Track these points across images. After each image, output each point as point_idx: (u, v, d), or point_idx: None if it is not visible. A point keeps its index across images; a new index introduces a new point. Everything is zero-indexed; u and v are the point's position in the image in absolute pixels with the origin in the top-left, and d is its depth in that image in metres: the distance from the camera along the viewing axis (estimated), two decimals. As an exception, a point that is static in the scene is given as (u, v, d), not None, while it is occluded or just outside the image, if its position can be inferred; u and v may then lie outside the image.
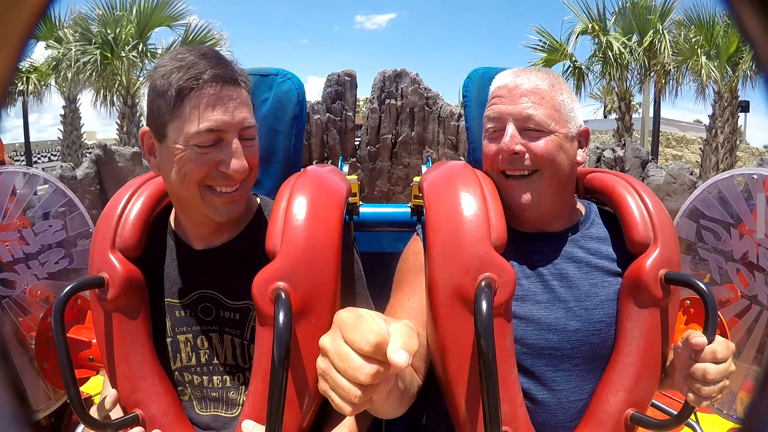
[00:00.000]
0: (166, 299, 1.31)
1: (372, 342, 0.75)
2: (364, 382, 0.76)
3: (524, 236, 1.34)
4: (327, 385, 0.81)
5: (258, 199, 1.41)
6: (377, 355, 0.76)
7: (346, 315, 0.82)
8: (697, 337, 1.12)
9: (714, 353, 1.11)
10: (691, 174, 7.78)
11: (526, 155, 1.26)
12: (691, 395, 1.15)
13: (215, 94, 1.15)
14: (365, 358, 0.76)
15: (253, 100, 1.47)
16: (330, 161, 7.79)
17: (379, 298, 1.41)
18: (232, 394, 1.29)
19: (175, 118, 1.16)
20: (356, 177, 1.93)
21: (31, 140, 17.37)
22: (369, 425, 1.30)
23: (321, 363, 0.82)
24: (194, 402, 1.30)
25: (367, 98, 8.20)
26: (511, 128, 1.28)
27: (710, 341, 1.11)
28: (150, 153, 1.25)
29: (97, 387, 1.39)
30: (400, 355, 0.74)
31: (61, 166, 8.00)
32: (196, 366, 1.30)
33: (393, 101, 8.01)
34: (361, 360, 0.76)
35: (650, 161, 8.46)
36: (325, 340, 0.82)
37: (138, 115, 12.78)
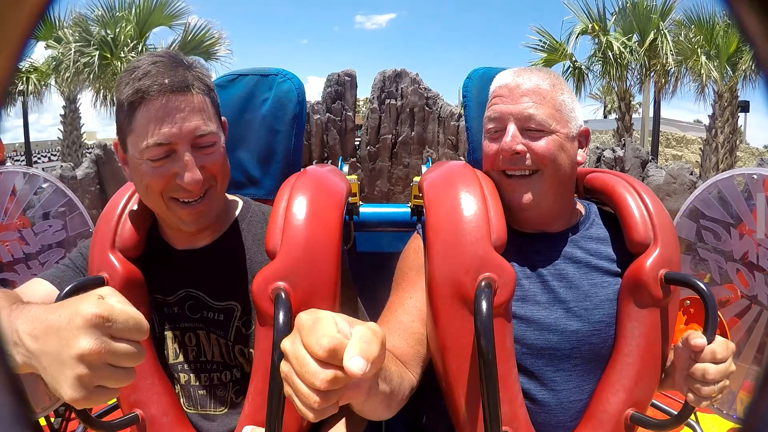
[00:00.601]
0: (153, 295, 1.31)
1: (325, 347, 0.70)
2: (320, 387, 0.71)
3: (524, 236, 1.34)
4: (290, 389, 0.77)
5: (240, 201, 1.41)
6: (333, 360, 0.71)
7: (305, 317, 0.78)
8: (697, 338, 1.11)
9: (713, 353, 1.11)
10: (691, 174, 7.78)
11: (527, 155, 1.26)
12: (690, 395, 1.15)
13: (162, 107, 1.13)
14: (321, 363, 0.72)
15: (253, 100, 1.47)
16: (330, 161, 7.79)
17: (379, 298, 1.41)
18: (220, 391, 1.29)
19: (131, 132, 1.16)
20: (356, 177, 1.93)
21: (31, 140, 17.36)
22: (366, 425, 1.31)
23: (283, 366, 0.78)
24: (182, 400, 1.31)
25: (367, 98, 8.20)
26: (512, 128, 1.27)
27: (710, 341, 1.11)
28: (124, 163, 1.24)
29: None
30: (355, 362, 0.68)
31: (61, 166, 8.00)
32: (183, 363, 1.30)
33: (393, 101, 8.01)
34: (317, 365, 0.72)
35: (650, 161, 8.46)
36: (285, 343, 0.78)
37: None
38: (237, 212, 1.38)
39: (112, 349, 0.76)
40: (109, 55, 12.24)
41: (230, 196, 1.42)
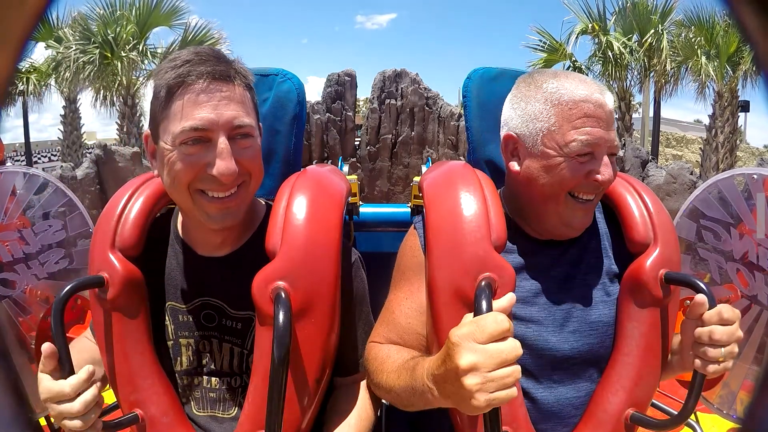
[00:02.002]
0: (169, 303, 1.30)
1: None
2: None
3: (527, 237, 1.33)
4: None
5: (265, 207, 1.37)
6: None
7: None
8: (698, 297, 1.11)
9: (720, 314, 1.10)
10: (691, 174, 7.77)
11: None
12: (698, 361, 1.12)
13: (202, 91, 1.10)
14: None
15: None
16: (330, 161, 7.79)
17: (380, 298, 1.41)
18: (229, 394, 1.28)
19: (165, 118, 1.12)
20: (356, 177, 1.93)
21: (31, 140, 17.36)
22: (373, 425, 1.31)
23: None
24: (192, 402, 1.30)
25: (367, 98, 8.21)
26: (607, 159, 1.21)
27: None
28: (152, 156, 1.21)
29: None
30: None
31: (62, 166, 7.99)
32: (197, 367, 1.29)
33: (393, 101, 8.01)
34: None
35: (650, 161, 8.45)
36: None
37: (138, 115, 12.75)
38: (260, 220, 1.33)
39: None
40: (109, 55, 12.24)
41: (258, 200, 1.39)
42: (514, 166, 1.30)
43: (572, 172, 1.21)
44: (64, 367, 1.07)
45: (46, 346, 1.06)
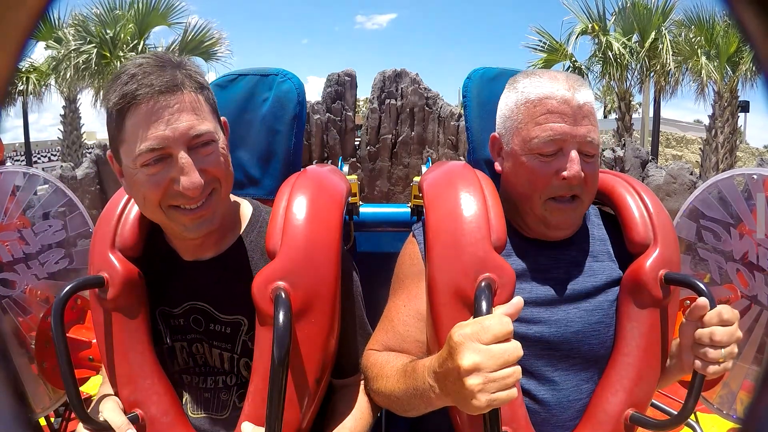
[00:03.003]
0: (160, 306, 1.29)
1: None
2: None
3: (524, 238, 1.33)
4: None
5: (251, 207, 1.36)
6: None
7: None
8: (699, 300, 1.11)
9: (720, 314, 1.10)
10: (691, 174, 7.78)
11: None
12: (698, 362, 1.12)
13: (150, 110, 1.06)
14: None
15: (253, 101, 1.46)
16: (330, 161, 7.78)
17: (380, 298, 1.41)
18: (224, 395, 1.28)
19: (122, 141, 1.10)
20: (356, 177, 1.92)
21: (31, 140, 17.37)
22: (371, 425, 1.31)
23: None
24: (188, 405, 1.30)
25: (367, 98, 8.21)
26: (575, 154, 1.19)
27: None
28: (120, 175, 1.19)
29: (97, 387, 1.38)
30: None
31: (61, 166, 8.00)
32: (193, 367, 1.30)
33: (393, 101, 8.00)
34: None
35: (650, 161, 8.46)
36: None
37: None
38: (246, 221, 1.32)
39: None
40: (108, 54, 12.23)
41: (239, 199, 1.37)
42: (498, 166, 1.34)
43: (537, 171, 1.22)
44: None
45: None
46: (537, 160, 1.22)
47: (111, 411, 1.17)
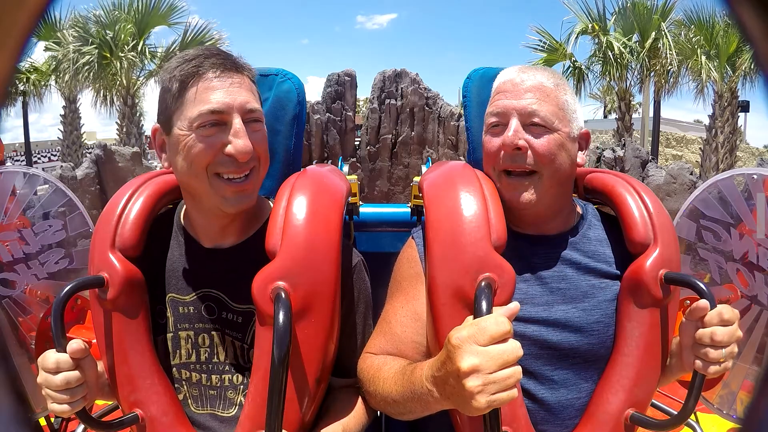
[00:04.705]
0: (169, 294, 1.30)
1: None
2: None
3: (523, 239, 1.33)
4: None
5: (271, 204, 1.38)
6: None
7: None
8: (701, 303, 1.12)
9: (720, 315, 1.11)
10: (691, 174, 7.78)
11: (529, 152, 1.25)
12: (698, 362, 1.12)
13: (216, 78, 1.17)
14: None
15: None
16: (330, 161, 7.79)
17: (379, 298, 1.41)
18: (230, 393, 1.28)
19: (179, 107, 1.18)
20: (356, 177, 1.93)
21: (31, 140, 17.38)
22: (367, 425, 1.31)
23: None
24: (190, 400, 1.30)
25: (367, 98, 8.21)
26: (515, 123, 1.26)
27: None
28: (161, 150, 1.26)
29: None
30: None
31: (61, 166, 8.00)
32: (195, 363, 1.29)
33: (393, 101, 8.01)
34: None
35: (650, 161, 8.46)
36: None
37: (138, 115, 12.77)
38: (267, 216, 1.33)
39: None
40: (108, 54, 12.23)
41: (264, 197, 1.41)
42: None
43: (487, 145, 1.33)
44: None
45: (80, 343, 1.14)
46: (488, 135, 1.33)
47: (47, 360, 1.12)
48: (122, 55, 12.23)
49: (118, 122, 12.78)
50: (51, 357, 1.11)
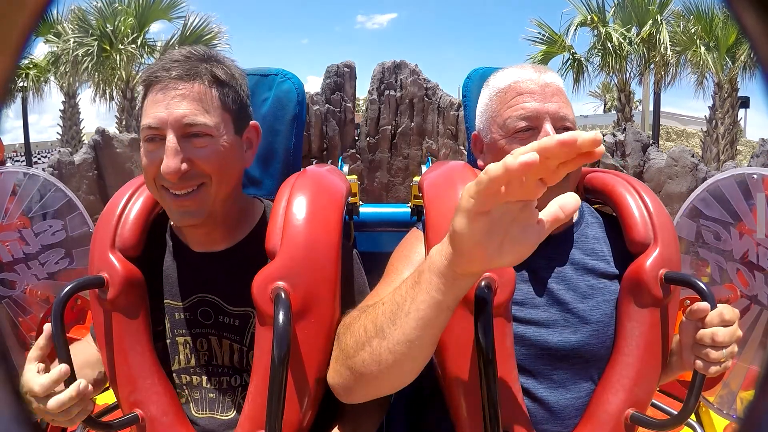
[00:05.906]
0: (165, 300, 1.30)
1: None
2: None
3: None
4: None
5: (263, 204, 1.38)
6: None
7: None
8: (701, 304, 1.11)
9: (721, 315, 1.10)
10: (693, 156, 7.73)
11: None
12: (699, 362, 1.12)
13: (160, 90, 1.14)
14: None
15: (253, 100, 1.46)
16: (329, 152, 7.78)
17: None
18: (229, 395, 1.28)
19: (141, 115, 1.18)
20: (356, 177, 1.93)
21: (31, 141, 17.33)
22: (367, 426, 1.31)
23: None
24: (191, 404, 1.30)
25: (366, 98, 8.20)
26: (549, 127, 1.20)
27: None
28: None
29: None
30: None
31: (59, 151, 7.93)
32: (195, 366, 1.29)
33: (392, 92, 7.99)
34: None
35: (651, 145, 8.41)
36: None
37: (137, 108, 12.73)
38: (259, 217, 1.35)
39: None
40: (108, 47, 12.19)
41: (255, 199, 1.40)
42: (480, 162, 1.36)
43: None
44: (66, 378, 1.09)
45: (47, 329, 1.10)
46: (516, 141, 1.22)
47: (30, 374, 1.09)
48: (122, 47, 12.19)
49: (117, 116, 12.75)
50: (34, 382, 1.05)
